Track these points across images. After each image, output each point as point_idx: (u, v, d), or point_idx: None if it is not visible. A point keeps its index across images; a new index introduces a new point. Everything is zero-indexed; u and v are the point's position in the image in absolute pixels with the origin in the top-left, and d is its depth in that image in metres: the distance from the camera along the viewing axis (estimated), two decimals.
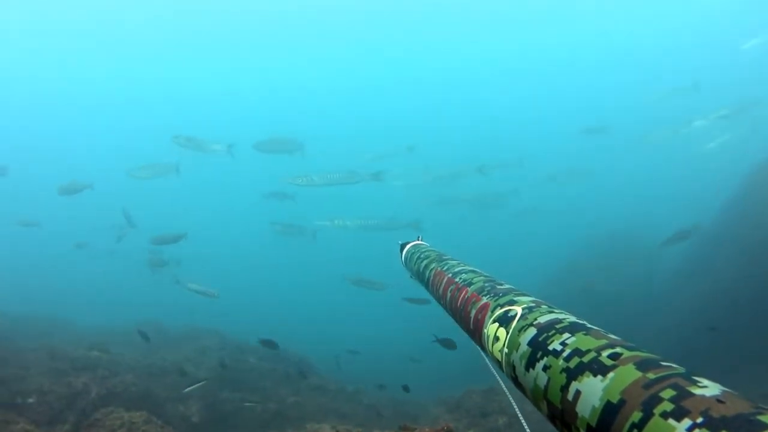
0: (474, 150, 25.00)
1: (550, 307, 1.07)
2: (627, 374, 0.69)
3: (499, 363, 1.11)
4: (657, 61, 28.63)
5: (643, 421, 0.60)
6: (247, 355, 10.99)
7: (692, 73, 18.53)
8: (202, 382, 7.71)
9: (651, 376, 0.66)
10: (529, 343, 0.96)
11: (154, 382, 8.27)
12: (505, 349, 1.05)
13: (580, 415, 0.73)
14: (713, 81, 19.52)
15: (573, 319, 0.96)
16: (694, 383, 0.61)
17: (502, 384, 1.32)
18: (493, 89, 35.18)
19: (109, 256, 19.84)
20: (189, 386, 7.51)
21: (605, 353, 0.76)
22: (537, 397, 0.88)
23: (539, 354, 0.90)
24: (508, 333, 1.07)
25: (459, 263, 1.80)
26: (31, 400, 6.76)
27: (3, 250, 24.15)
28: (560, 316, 0.98)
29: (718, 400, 0.56)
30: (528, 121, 32.53)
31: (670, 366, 0.68)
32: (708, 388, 0.59)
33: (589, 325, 0.91)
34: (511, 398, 1.36)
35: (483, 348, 1.24)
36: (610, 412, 0.66)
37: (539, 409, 0.90)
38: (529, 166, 19.10)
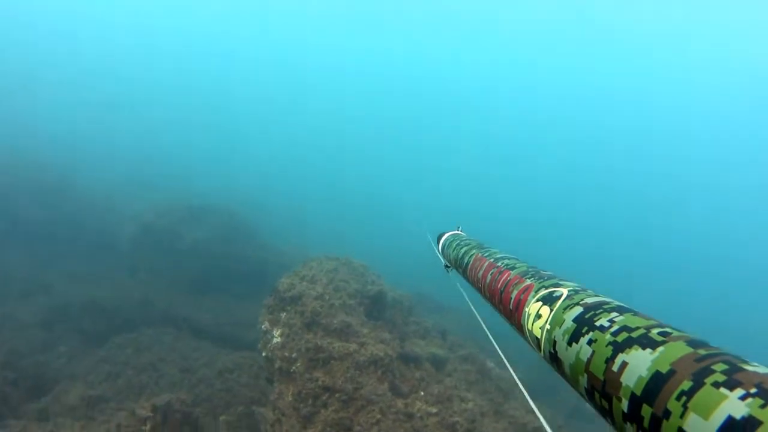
0: None
1: (596, 293, 1.05)
2: (678, 349, 0.68)
3: (537, 340, 1.09)
4: None
5: (693, 390, 0.59)
6: None
7: None
8: None
9: (702, 352, 0.65)
10: (575, 320, 0.94)
11: None
12: (547, 326, 1.04)
13: (624, 384, 0.72)
14: None
15: (620, 303, 0.94)
16: (746, 362, 0.61)
17: (489, 334, 1.47)
18: None
19: None
20: None
21: (655, 330, 0.75)
22: (577, 370, 0.87)
23: (585, 329, 0.89)
24: (552, 311, 1.06)
25: (500, 251, 1.81)
26: None
27: None
28: (607, 299, 0.97)
29: None
30: None
31: (721, 348, 0.67)
32: (760, 368, 0.59)
33: (636, 310, 0.88)
34: (496, 346, 1.45)
35: (520, 327, 1.25)
36: (657, 381, 0.65)
37: (575, 383, 0.88)
38: None
